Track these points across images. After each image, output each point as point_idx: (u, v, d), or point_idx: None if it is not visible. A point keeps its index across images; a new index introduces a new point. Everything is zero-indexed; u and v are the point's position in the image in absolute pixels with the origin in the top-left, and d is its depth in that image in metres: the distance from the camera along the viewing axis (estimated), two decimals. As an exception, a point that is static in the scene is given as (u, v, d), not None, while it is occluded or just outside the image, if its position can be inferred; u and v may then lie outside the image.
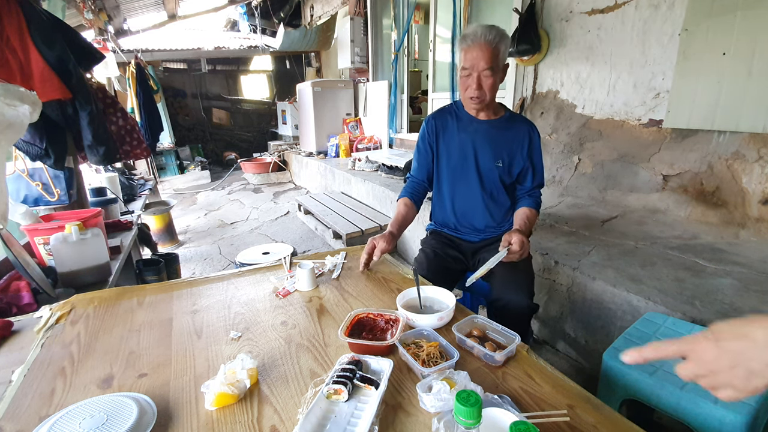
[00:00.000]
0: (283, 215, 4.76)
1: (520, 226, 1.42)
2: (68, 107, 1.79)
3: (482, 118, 1.51)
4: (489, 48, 1.31)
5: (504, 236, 1.29)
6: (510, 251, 1.26)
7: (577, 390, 0.79)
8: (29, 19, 1.60)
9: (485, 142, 1.50)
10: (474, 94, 1.38)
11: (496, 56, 1.33)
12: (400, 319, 0.97)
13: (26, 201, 1.93)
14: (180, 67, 8.43)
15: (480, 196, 1.54)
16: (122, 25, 5.13)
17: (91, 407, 0.72)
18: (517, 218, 1.49)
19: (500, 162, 1.50)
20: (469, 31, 1.35)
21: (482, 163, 1.51)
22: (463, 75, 1.38)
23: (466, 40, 1.34)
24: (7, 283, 1.37)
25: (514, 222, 1.49)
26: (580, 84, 2.81)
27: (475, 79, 1.36)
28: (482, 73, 1.34)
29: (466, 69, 1.36)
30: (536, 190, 1.56)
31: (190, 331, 1.01)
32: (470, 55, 1.33)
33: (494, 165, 1.50)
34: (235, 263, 2.19)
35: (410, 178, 1.65)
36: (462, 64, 1.37)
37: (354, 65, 5.39)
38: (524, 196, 1.55)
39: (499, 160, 1.50)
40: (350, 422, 0.70)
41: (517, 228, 1.38)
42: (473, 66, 1.34)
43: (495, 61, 1.33)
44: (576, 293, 1.90)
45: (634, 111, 2.53)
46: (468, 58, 1.34)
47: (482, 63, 1.32)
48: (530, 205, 1.51)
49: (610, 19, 2.53)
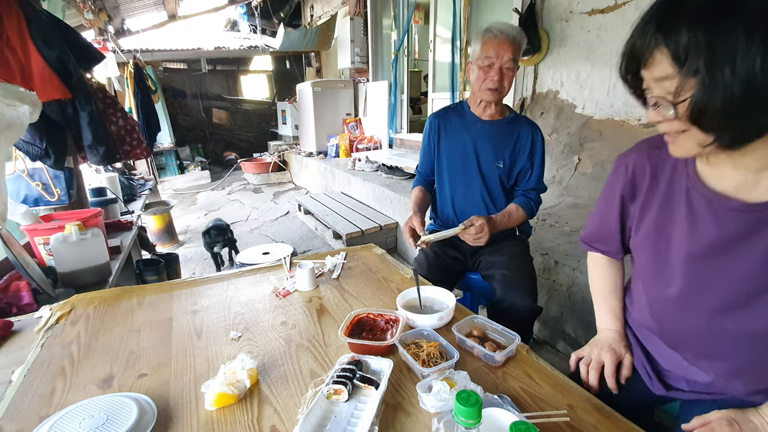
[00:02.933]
0: (283, 215, 4.76)
1: (495, 215, 1.42)
2: (68, 107, 1.79)
3: (487, 118, 1.51)
4: (514, 41, 1.33)
5: (473, 217, 1.33)
6: (465, 231, 1.30)
7: (577, 390, 0.79)
8: (29, 19, 1.60)
9: (487, 142, 1.50)
10: (494, 85, 1.37)
11: (518, 51, 1.35)
12: (400, 319, 0.97)
13: (26, 201, 1.93)
14: (180, 67, 8.44)
15: (480, 196, 1.54)
16: (122, 25, 5.13)
17: (91, 407, 0.72)
18: (502, 211, 1.49)
19: (501, 163, 1.49)
20: (494, 25, 1.35)
21: (483, 163, 1.51)
22: (484, 65, 1.37)
23: (491, 31, 1.34)
24: (7, 283, 1.37)
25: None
26: (580, 84, 2.81)
27: (497, 71, 1.36)
28: (505, 64, 1.35)
29: (489, 58, 1.35)
30: (531, 192, 1.53)
31: (190, 331, 1.01)
32: (496, 46, 1.33)
33: (495, 165, 1.50)
34: (236, 263, 2.19)
35: (418, 171, 1.71)
36: (484, 53, 1.36)
37: (354, 65, 5.39)
38: (518, 195, 1.54)
39: (500, 161, 1.49)
40: (350, 422, 0.70)
41: (490, 216, 1.39)
42: (498, 56, 1.34)
43: (517, 55, 1.35)
44: (576, 293, 1.90)
45: (634, 111, 2.53)
46: (492, 49, 1.34)
47: (507, 55, 1.33)
48: (519, 202, 1.49)
49: (610, 19, 2.53)
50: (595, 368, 0.86)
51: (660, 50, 0.53)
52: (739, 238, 0.62)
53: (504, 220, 1.42)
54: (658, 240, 0.75)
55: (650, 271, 0.79)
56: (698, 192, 0.66)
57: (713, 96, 0.50)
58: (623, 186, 0.80)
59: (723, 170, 0.63)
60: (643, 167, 0.76)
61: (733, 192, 0.62)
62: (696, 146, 0.58)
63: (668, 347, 0.82)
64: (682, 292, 0.72)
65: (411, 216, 1.43)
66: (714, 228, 0.65)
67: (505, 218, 1.43)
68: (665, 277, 0.75)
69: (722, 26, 0.48)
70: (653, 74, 0.56)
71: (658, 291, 0.78)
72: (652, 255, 0.77)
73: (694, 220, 0.68)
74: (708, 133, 0.55)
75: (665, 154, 0.69)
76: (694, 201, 0.67)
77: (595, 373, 0.86)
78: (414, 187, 1.67)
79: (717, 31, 0.48)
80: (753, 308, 0.64)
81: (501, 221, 1.41)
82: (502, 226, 1.42)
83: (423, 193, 1.61)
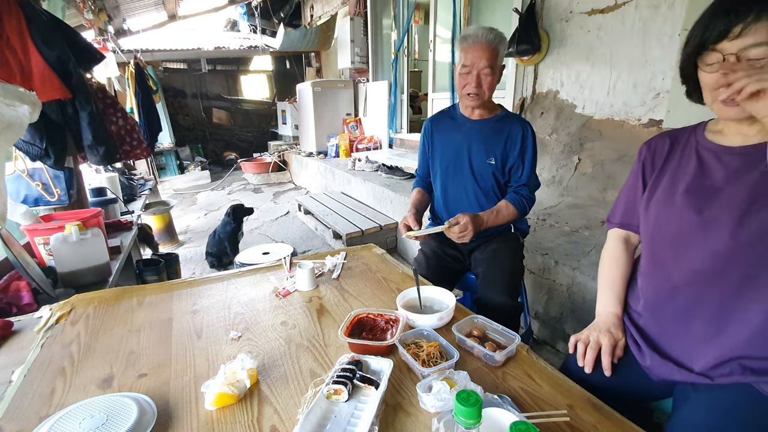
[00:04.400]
0: (283, 215, 4.76)
1: (482, 213, 1.42)
2: (68, 107, 1.79)
3: (476, 117, 1.54)
4: (489, 48, 1.36)
5: (458, 215, 1.34)
6: (449, 229, 1.33)
7: (577, 390, 0.79)
8: (29, 19, 1.60)
9: (478, 140, 1.51)
10: (473, 90, 1.41)
11: (496, 56, 1.38)
12: (400, 319, 0.97)
13: (26, 201, 1.93)
14: (180, 67, 8.43)
15: (473, 195, 1.54)
16: (122, 25, 5.13)
17: (91, 407, 0.72)
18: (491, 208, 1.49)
19: (492, 159, 1.50)
20: (470, 31, 1.39)
21: (475, 162, 1.52)
22: (463, 72, 1.41)
23: (467, 40, 1.38)
24: (7, 283, 1.37)
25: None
26: (580, 84, 2.81)
27: (474, 77, 1.39)
28: (482, 71, 1.38)
29: (466, 66, 1.39)
30: (523, 188, 1.51)
31: (190, 331, 1.01)
32: (471, 53, 1.37)
33: (487, 163, 1.51)
34: (235, 263, 2.19)
35: (417, 174, 1.76)
36: (462, 62, 1.41)
37: (354, 65, 5.39)
38: (510, 191, 1.54)
39: (492, 158, 1.50)
40: (350, 422, 0.70)
41: (477, 214, 1.39)
42: (473, 64, 1.38)
43: (494, 60, 1.38)
44: (576, 293, 1.90)
45: (634, 111, 2.53)
46: (468, 56, 1.38)
47: (483, 61, 1.37)
48: (510, 199, 1.49)
49: (610, 19, 2.53)
50: (593, 348, 0.90)
51: (762, 22, 0.67)
52: (738, 171, 0.78)
53: (492, 218, 1.43)
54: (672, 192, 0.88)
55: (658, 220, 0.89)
56: (706, 148, 0.83)
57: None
58: (644, 160, 0.96)
59: (729, 136, 0.80)
60: (663, 143, 0.93)
61: (735, 145, 0.79)
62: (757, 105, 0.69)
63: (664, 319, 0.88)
64: (681, 230, 0.83)
65: (408, 214, 1.46)
66: (719, 169, 0.81)
67: (493, 215, 1.43)
68: (671, 216, 0.86)
69: None
70: (746, 42, 0.69)
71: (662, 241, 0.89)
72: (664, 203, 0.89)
73: (702, 169, 0.83)
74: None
75: (682, 135, 0.89)
76: (702, 153, 0.83)
77: (592, 353, 0.90)
78: (414, 188, 1.71)
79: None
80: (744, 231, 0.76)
81: (488, 218, 1.42)
82: (491, 223, 1.43)
83: (421, 194, 1.65)
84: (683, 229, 0.83)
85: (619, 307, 0.98)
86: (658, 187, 0.91)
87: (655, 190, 0.91)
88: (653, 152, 0.95)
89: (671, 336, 0.87)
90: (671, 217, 0.85)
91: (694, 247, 0.81)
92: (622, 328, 0.95)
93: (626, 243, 1.04)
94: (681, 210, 0.83)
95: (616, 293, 0.99)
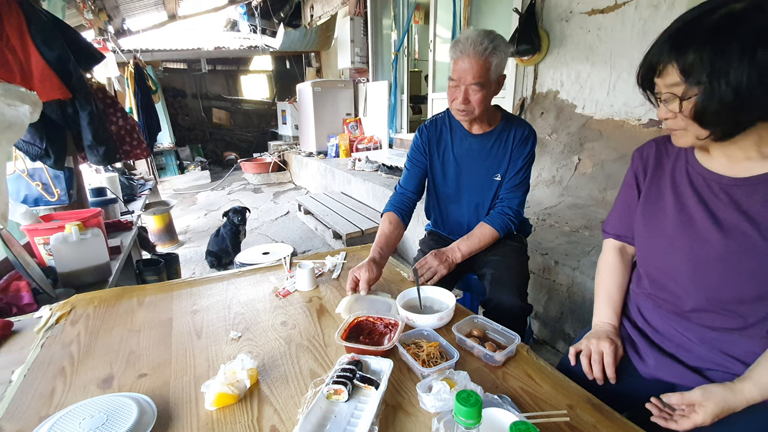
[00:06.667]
0: (283, 215, 4.76)
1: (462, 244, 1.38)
2: (68, 107, 1.79)
3: (476, 132, 1.42)
4: (479, 61, 1.19)
5: (428, 256, 1.33)
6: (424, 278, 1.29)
7: (577, 390, 0.79)
8: (29, 19, 1.60)
9: (481, 160, 1.43)
10: (460, 107, 1.28)
11: (487, 70, 1.21)
12: (399, 323, 0.96)
13: (26, 201, 1.93)
14: (180, 67, 8.43)
15: (474, 212, 1.51)
16: (122, 25, 5.13)
17: (91, 407, 0.72)
18: (472, 234, 1.40)
19: (498, 175, 1.44)
20: (461, 38, 1.22)
21: (480, 181, 1.46)
22: (451, 85, 1.28)
23: (456, 48, 1.23)
24: (7, 283, 1.37)
25: (466, 236, 1.41)
26: (580, 84, 2.81)
27: (462, 93, 1.25)
28: (470, 87, 1.24)
29: (453, 80, 1.26)
30: (513, 197, 1.43)
31: (190, 331, 1.01)
32: (458, 66, 1.23)
33: (492, 179, 1.45)
34: (235, 263, 2.19)
35: (398, 188, 1.54)
36: (450, 73, 1.27)
37: (354, 65, 5.39)
38: (497, 205, 1.45)
39: (497, 174, 1.44)
40: (350, 422, 0.70)
41: (457, 247, 1.37)
42: (460, 79, 1.23)
43: (485, 75, 1.21)
44: (576, 293, 1.90)
45: (634, 111, 2.53)
46: (455, 69, 1.24)
47: (469, 77, 1.21)
48: (495, 225, 1.40)
49: (610, 19, 2.53)
50: (597, 360, 0.90)
51: (672, 65, 0.70)
52: (724, 203, 0.80)
53: (471, 246, 1.39)
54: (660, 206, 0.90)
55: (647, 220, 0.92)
56: (696, 171, 0.85)
57: (711, 101, 0.67)
58: (636, 167, 0.97)
59: (716, 157, 0.82)
60: (651, 152, 0.95)
61: (722, 171, 0.81)
62: (694, 138, 0.75)
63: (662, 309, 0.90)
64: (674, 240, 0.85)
65: (366, 262, 1.20)
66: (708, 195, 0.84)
67: (476, 242, 1.39)
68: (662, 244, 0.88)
69: (721, 47, 0.64)
70: (665, 82, 0.73)
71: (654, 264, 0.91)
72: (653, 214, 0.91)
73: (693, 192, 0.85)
74: (705, 128, 0.71)
75: (671, 146, 0.89)
76: (693, 178, 0.85)
77: (597, 366, 0.89)
78: (385, 211, 1.46)
79: (718, 52, 0.65)
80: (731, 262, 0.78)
81: (468, 249, 1.38)
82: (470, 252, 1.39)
83: (392, 228, 1.39)
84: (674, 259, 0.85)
85: (615, 319, 0.98)
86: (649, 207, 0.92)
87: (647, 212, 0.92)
88: (645, 161, 0.95)
89: (671, 337, 0.88)
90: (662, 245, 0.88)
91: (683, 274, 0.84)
92: (620, 335, 0.96)
93: (622, 253, 1.03)
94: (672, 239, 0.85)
95: (613, 305, 0.99)
